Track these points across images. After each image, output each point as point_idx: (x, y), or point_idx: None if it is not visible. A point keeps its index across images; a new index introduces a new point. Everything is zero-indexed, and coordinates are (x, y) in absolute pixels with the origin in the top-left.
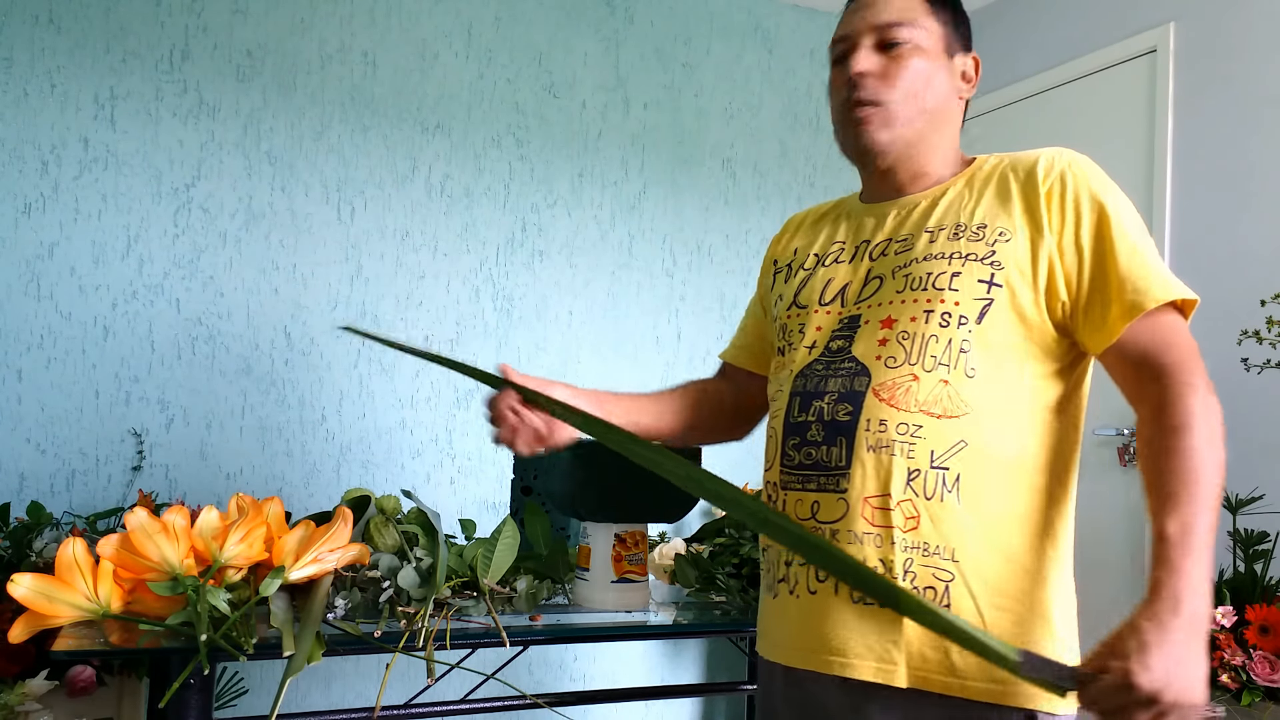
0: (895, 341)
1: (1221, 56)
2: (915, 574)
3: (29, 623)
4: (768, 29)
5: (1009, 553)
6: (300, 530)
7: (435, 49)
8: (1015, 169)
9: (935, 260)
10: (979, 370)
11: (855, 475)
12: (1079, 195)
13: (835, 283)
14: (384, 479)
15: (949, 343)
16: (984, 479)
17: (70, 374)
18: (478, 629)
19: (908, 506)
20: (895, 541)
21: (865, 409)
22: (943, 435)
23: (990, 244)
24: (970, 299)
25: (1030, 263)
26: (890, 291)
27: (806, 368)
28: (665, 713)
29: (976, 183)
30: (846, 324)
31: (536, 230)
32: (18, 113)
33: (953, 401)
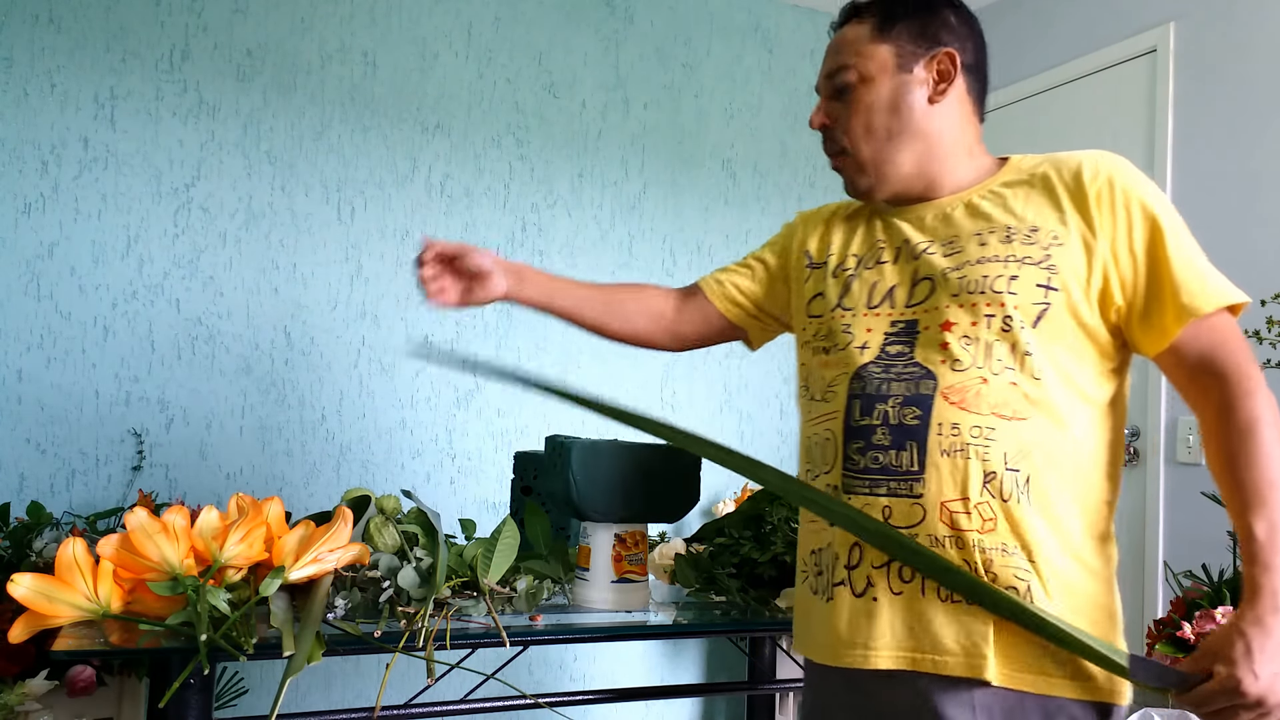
0: (958, 345)
1: (1221, 56)
2: (996, 575)
3: (29, 623)
4: (768, 29)
5: (1077, 554)
6: (300, 530)
7: (435, 49)
8: (1059, 171)
9: (992, 263)
10: (1044, 373)
11: (930, 479)
12: (1129, 200)
13: (881, 285)
14: (384, 479)
15: (1012, 346)
16: (1052, 481)
17: (70, 374)
18: (478, 629)
19: (985, 509)
20: (973, 544)
21: (935, 412)
22: (1014, 437)
23: (1045, 247)
24: (1029, 303)
25: (1085, 267)
26: (945, 295)
27: (862, 369)
28: (665, 713)
29: (1017, 184)
30: (904, 329)
31: (536, 230)
32: (18, 112)
33: (1021, 404)
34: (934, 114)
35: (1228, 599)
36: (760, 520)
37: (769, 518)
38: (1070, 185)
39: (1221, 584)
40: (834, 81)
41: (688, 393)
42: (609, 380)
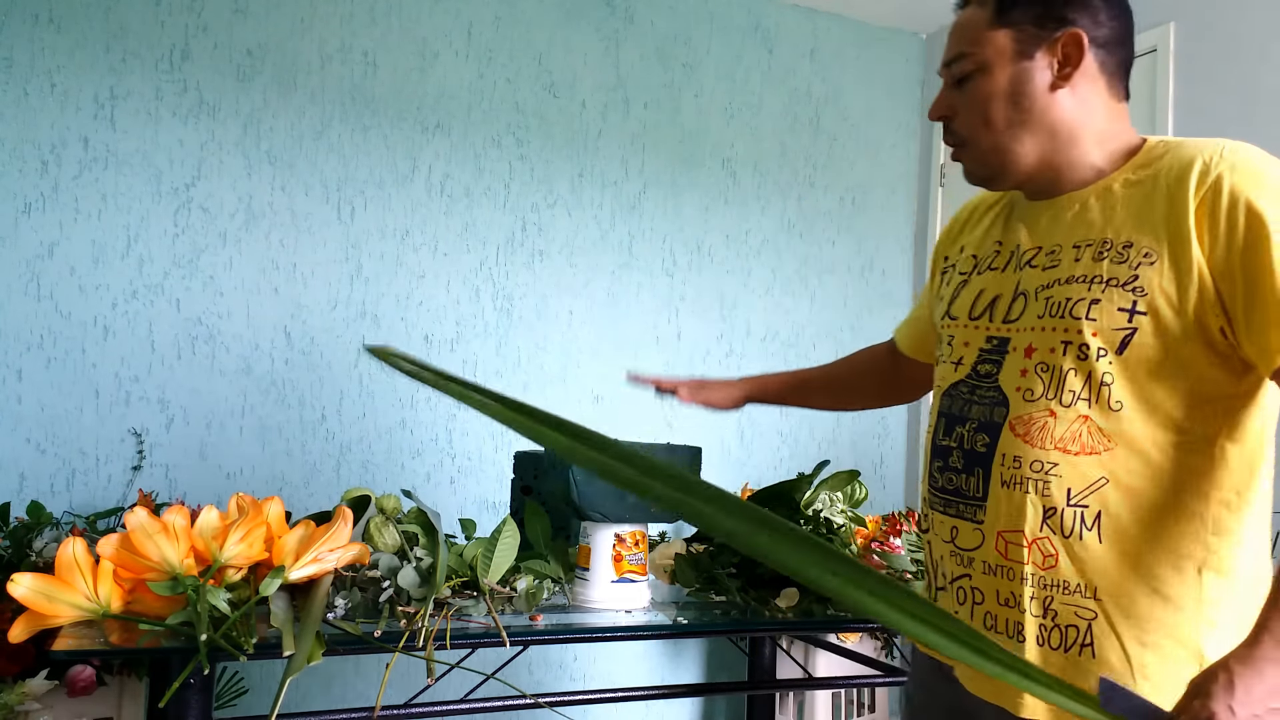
0: (1034, 373)
1: (1222, 56)
2: (1056, 612)
3: (29, 622)
4: (768, 29)
5: (1159, 587)
6: (300, 530)
7: (435, 49)
8: (1170, 172)
9: (1076, 284)
10: (1125, 403)
11: (990, 508)
12: (1234, 205)
13: (986, 294)
14: (384, 479)
15: (1088, 376)
16: (1130, 513)
17: (70, 374)
18: (478, 629)
19: (1045, 544)
20: (1026, 578)
21: (1001, 443)
22: (1081, 472)
23: (1134, 267)
24: (1110, 329)
25: (1177, 287)
26: (1033, 316)
27: (953, 388)
28: (665, 713)
29: (1132, 185)
30: (996, 347)
31: (536, 230)
32: (18, 112)
33: (1093, 437)
34: (1057, 101)
35: None
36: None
37: None
38: (1174, 193)
39: None
40: (952, 70)
41: None
42: (609, 380)
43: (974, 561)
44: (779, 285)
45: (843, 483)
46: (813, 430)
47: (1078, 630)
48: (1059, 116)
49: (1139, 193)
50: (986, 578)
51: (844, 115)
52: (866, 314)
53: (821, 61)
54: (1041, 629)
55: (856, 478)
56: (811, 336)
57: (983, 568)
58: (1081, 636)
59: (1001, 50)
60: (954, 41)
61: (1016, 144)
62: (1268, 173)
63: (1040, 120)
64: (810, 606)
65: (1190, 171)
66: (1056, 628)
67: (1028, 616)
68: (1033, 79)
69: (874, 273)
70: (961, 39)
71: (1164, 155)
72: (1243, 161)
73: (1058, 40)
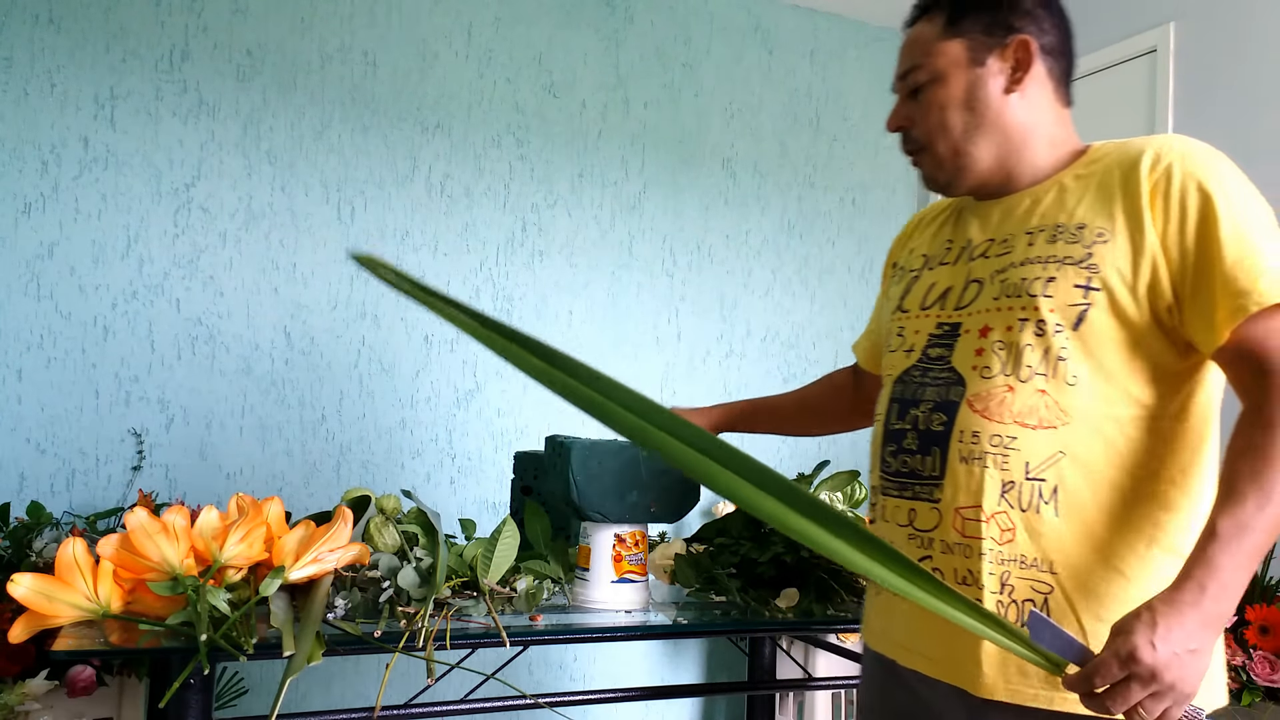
0: (991, 351)
1: (1222, 56)
2: (1013, 586)
3: (29, 623)
4: (768, 29)
5: (1115, 562)
6: (300, 530)
7: (435, 49)
8: (1122, 162)
9: (1031, 265)
10: (1080, 378)
11: (948, 486)
12: (1185, 189)
13: (938, 286)
14: (384, 479)
15: (1045, 351)
16: (1086, 488)
17: (70, 374)
18: (478, 629)
19: (1003, 519)
20: (985, 553)
21: (959, 420)
22: (1038, 446)
23: (1087, 245)
24: (1066, 305)
25: (1131, 264)
26: (988, 299)
27: (905, 374)
28: (665, 713)
29: (1083, 178)
30: (947, 332)
31: (536, 230)
32: (18, 112)
33: (1050, 411)
34: (1011, 105)
35: None
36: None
37: None
38: (1126, 176)
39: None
40: (907, 82)
41: (688, 392)
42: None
43: (933, 542)
44: (779, 285)
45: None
46: None
47: (1034, 603)
48: (1012, 120)
49: (1091, 183)
50: (945, 557)
51: (844, 115)
52: (866, 314)
53: (821, 62)
54: (999, 604)
55: (856, 478)
56: (811, 337)
57: (941, 547)
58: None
59: (955, 59)
60: (906, 55)
61: (973, 147)
62: (1215, 161)
63: (995, 124)
64: (810, 606)
65: (1141, 160)
66: (1014, 603)
67: (985, 593)
68: (986, 84)
69: (874, 273)
70: (914, 52)
71: (1111, 152)
72: (1192, 151)
73: (1008, 46)
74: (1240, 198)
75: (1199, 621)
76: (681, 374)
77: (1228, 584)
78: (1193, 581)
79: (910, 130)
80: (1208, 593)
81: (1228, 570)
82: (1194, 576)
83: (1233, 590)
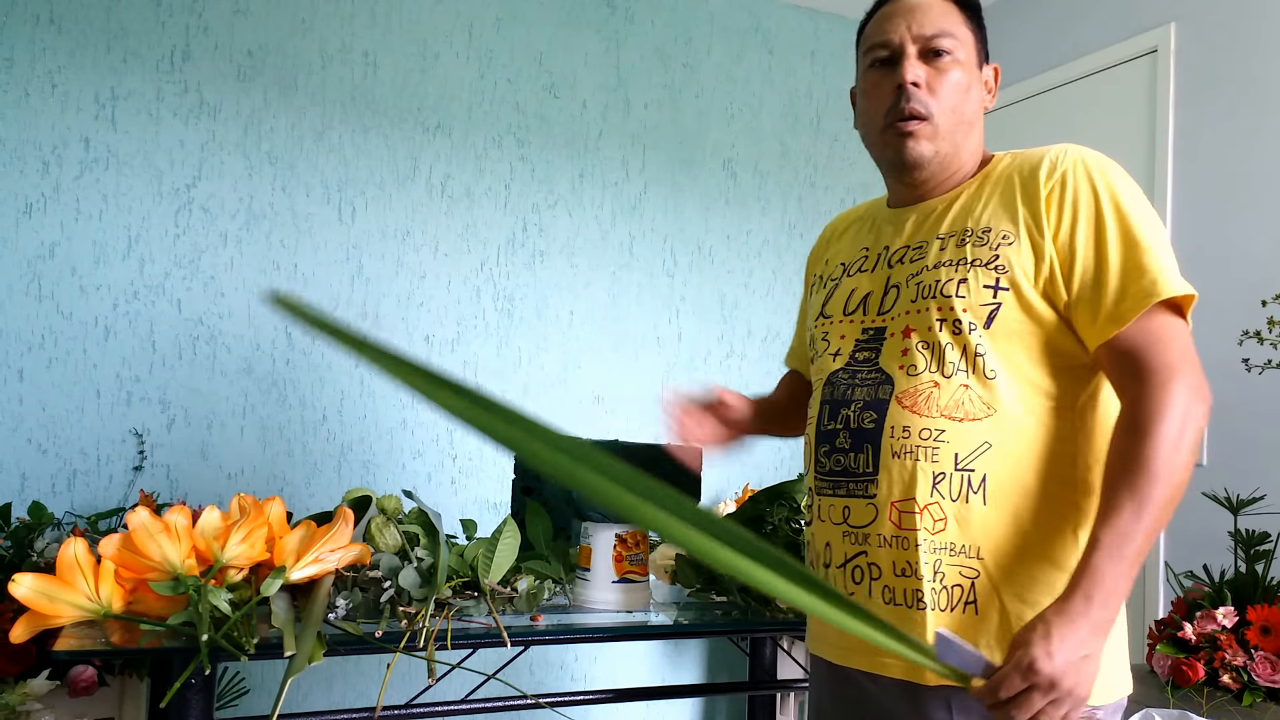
0: (915, 350)
1: (1222, 57)
2: (944, 574)
3: (30, 623)
4: (768, 29)
5: (1040, 549)
6: (301, 530)
7: (436, 49)
8: (1022, 169)
9: (944, 268)
10: (998, 372)
11: (882, 481)
12: (1078, 194)
13: (858, 292)
14: (385, 479)
15: (964, 348)
16: (1011, 477)
17: (71, 374)
18: (479, 629)
19: (935, 509)
20: (920, 544)
21: (889, 416)
22: (966, 438)
23: (994, 248)
24: (977, 304)
25: (1033, 265)
26: (906, 302)
27: (833, 375)
28: (666, 713)
29: (988, 184)
30: (873, 335)
31: (537, 230)
32: (19, 113)
33: (975, 404)
34: (980, 114)
35: (1229, 599)
36: (760, 520)
37: (769, 518)
38: (1026, 182)
39: (1223, 584)
40: (933, 44)
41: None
42: (609, 379)
43: (869, 537)
44: (779, 286)
45: None
46: None
47: (962, 589)
48: (978, 128)
49: (994, 189)
50: (882, 550)
51: (844, 115)
52: None
53: (822, 62)
54: (932, 592)
55: None
56: None
57: (878, 541)
58: (966, 595)
59: (973, 52)
60: (931, 18)
61: (961, 137)
62: (1109, 168)
63: (973, 126)
64: None
65: (1040, 166)
66: (944, 589)
67: (925, 583)
68: (979, 88)
69: None
70: (944, 21)
71: (1011, 161)
72: (1085, 158)
73: (992, 66)
74: (1132, 203)
75: (1089, 629)
76: (682, 374)
77: (1112, 591)
78: (1080, 592)
79: (922, 93)
80: (1094, 601)
81: (1111, 578)
82: (1080, 586)
83: (1117, 596)
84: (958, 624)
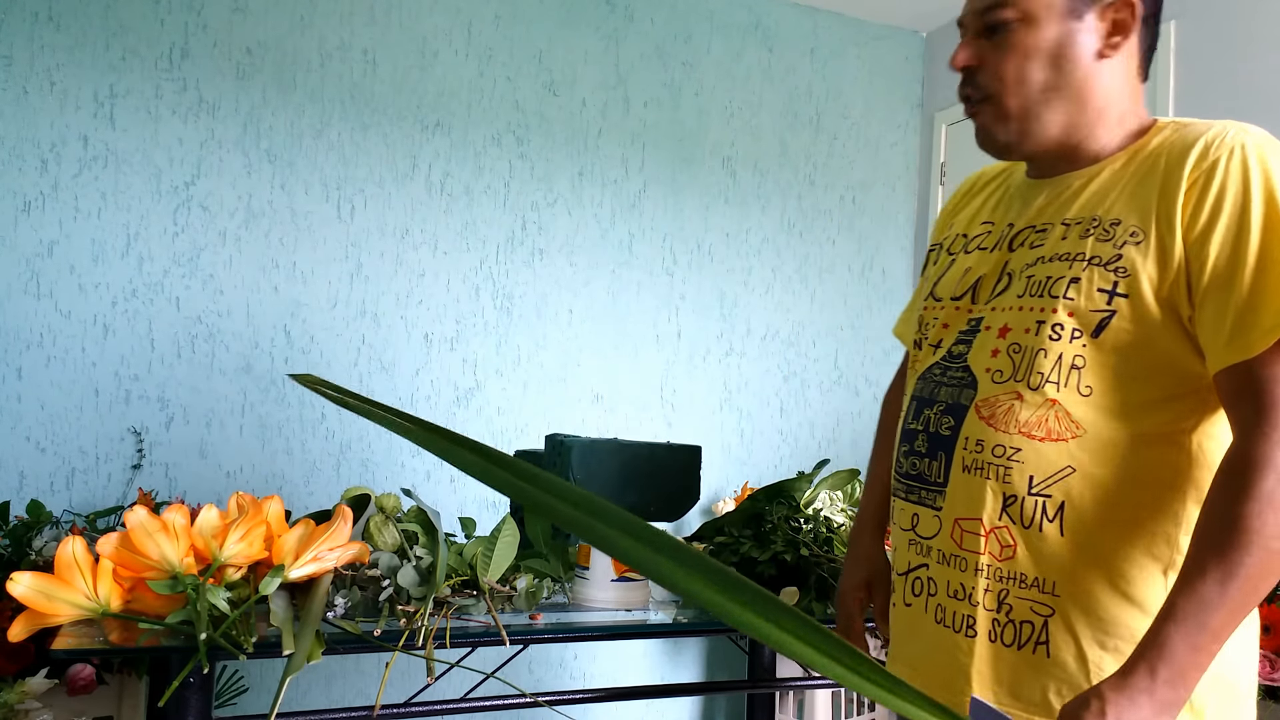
0: (1005, 354)
1: (1222, 55)
2: (1011, 606)
3: (28, 621)
4: (768, 27)
5: (1124, 586)
6: (300, 529)
7: (435, 47)
8: (1172, 150)
9: (1058, 262)
10: (1095, 389)
11: (949, 494)
12: (1225, 187)
13: (971, 274)
14: (384, 477)
15: (1059, 358)
16: (1095, 506)
17: (70, 372)
18: (477, 628)
19: (1004, 534)
20: (980, 568)
21: (965, 426)
22: (1045, 460)
23: (1119, 245)
24: (1087, 310)
25: (1159, 269)
26: (1013, 295)
27: (927, 370)
28: (666, 711)
29: (1134, 163)
30: (972, 326)
31: (536, 228)
32: (17, 111)
33: (1060, 423)
34: (1099, 71)
35: None
36: (760, 519)
37: (769, 516)
38: (1172, 170)
39: None
40: (986, 18)
41: (688, 391)
42: (609, 378)
43: (931, 550)
44: (779, 284)
45: (843, 481)
46: (813, 429)
47: (1033, 627)
48: (1095, 88)
49: (1138, 172)
50: (941, 568)
51: (844, 113)
52: (866, 313)
53: (821, 60)
54: (995, 624)
55: (857, 476)
56: (811, 335)
57: (938, 556)
58: (1036, 634)
59: (1050, 4)
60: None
61: (1047, 110)
62: (1270, 160)
63: (1078, 89)
64: (810, 605)
65: (1192, 149)
66: (1011, 623)
67: (980, 610)
68: (1078, 42)
69: (874, 271)
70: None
71: (1169, 135)
72: (1246, 144)
73: (1112, 4)
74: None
75: (1152, 709)
76: (681, 372)
77: (1184, 668)
78: (1144, 664)
79: (978, 74)
80: (1159, 678)
81: (1183, 652)
82: (1145, 658)
83: (1189, 674)
84: (1025, 663)
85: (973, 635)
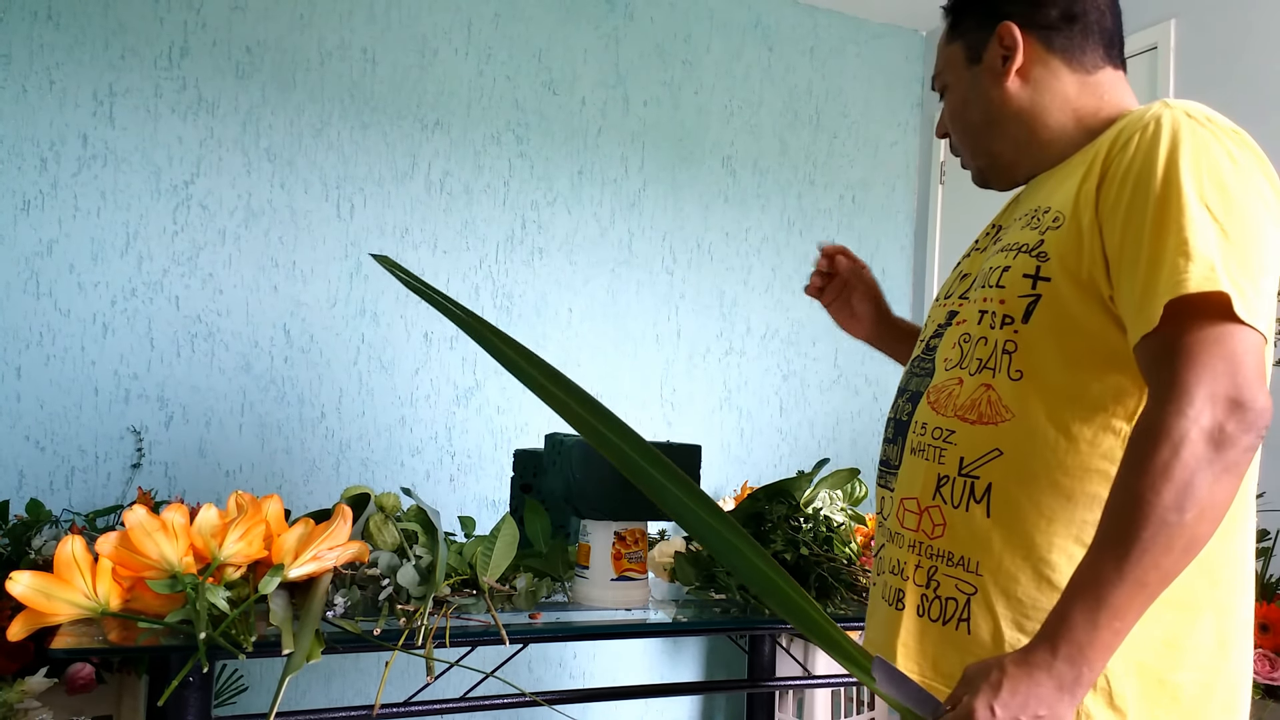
0: (957, 343)
1: (1222, 54)
2: (939, 583)
3: (28, 620)
4: (768, 25)
5: (1047, 573)
6: (299, 528)
7: (435, 45)
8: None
9: (1002, 253)
10: (1025, 373)
11: (900, 475)
12: (1131, 164)
13: (960, 274)
14: (383, 476)
15: (995, 345)
16: (1022, 489)
17: (69, 371)
18: (477, 627)
19: (936, 513)
20: (914, 544)
21: (918, 411)
22: (975, 442)
23: (1042, 231)
24: (1015, 296)
25: (1077, 249)
26: (975, 289)
27: (909, 363)
28: (665, 710)
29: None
30: (946, 321)
31: (536, 227)
32: (16, 109)
33: (992, 407)
34: (1018, 93)
35: None
36: (760, 518)
37: (768, 516)
38: (1100, 151)
39: None
40: (937, 89)
41: (688, 390)
42: (609, 377)
43: (887, 531)
44: (779, 283)
45: (842, 480)
46: (813, 428)
47: (956, 604)
48: (1017, 107)
49: (1081, 161)
50: (890, 546)
51: (844, 112)
52: None
53: (821, 58)
54: (923, 599)
55: (856, 476)
56: (811, 334)
57: (888, 535)
58: (960, 610)
59: (955, 62)
60: (936, 65)
61: (992, 143)
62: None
63: (1001, 115)
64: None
65: (1123, 130)
66: (937, 599)
67: (910, 585)
68: (982, 80)
69: (874, 270)
70: (937, 61)
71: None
72: (1163, 118)
73: (994, 37)
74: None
75: (1052, 686)
76: (681, 371)
77: (1083, 645)
78: (1045, 641)
79: (951, 138)
80: (1059, 654)
81: (1083, 630)
82: (1046, 635)
83: (1088, 652)
84: (947, 639)
85: (900, 609)
